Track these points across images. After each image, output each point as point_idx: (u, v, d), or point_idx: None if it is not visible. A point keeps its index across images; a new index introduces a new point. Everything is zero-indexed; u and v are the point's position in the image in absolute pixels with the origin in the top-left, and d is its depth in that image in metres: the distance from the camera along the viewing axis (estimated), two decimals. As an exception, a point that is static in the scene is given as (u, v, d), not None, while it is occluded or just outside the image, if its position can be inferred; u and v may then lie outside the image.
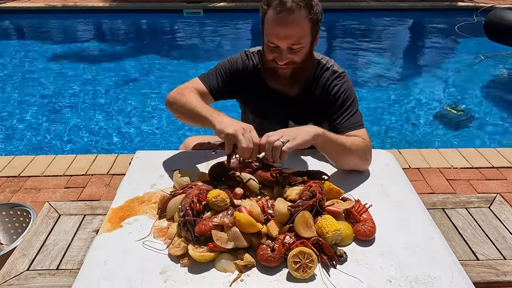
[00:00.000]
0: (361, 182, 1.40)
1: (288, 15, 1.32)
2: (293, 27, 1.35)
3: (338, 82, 1.53)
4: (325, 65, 1.56)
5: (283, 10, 1.32)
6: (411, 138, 3.95)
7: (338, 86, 1.52)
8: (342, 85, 1.53)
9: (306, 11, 1.34)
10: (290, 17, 1.33)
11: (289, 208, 1.11)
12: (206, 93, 1.55)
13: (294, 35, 1.36)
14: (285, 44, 1.37)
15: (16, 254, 1.37)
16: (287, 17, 1.33)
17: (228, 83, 1.59)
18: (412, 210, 1.27)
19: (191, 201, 1.13)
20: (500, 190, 2.69)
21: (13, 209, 2.05)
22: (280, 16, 1.33)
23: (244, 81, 1.60)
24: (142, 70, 5.44)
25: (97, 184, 2.71)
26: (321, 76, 1.55)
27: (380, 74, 5.48)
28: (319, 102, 1.56)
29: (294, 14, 1.32)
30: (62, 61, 5.73)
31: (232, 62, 1.60)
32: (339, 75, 1.54)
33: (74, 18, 7.70)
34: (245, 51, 1.63)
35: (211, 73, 1.60)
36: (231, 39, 7.19)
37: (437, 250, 1.10)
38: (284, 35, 1.35)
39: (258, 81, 1.58)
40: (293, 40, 1.37)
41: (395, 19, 8.03)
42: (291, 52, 1.40)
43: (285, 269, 1.03)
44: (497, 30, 4.57)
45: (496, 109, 4.59)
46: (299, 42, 1.38)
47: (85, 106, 4.46)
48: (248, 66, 1.59)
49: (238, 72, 1.59)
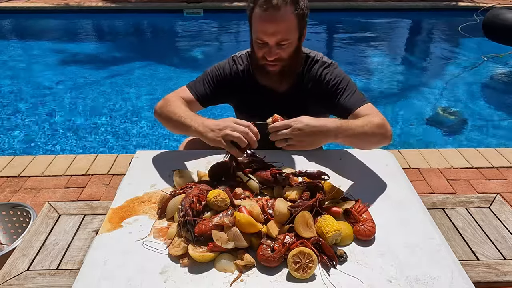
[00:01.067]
0: (361, 182, 1.40)
1: (274, 11, 1.34)
2: (280, 23, 1.37)
3: (328, 70, 1.56)
4: (314, 58, 1.58)
5: (269, 7, 1.34)
6: (411, 138, 3.95)
7: (329, 74, 1.55)
8: (333, 71, 1.55)
9: (292, 6, 1.37)
10: (277, 14, 1.35)
11: (289, 208, 1.11)
12: (193, 101, 1.56)
13: (281, 31, 1.38)
14: (273, 40, 1.40)
15: (16, 254, 1.37)
16: (273, 14, 1.35)
17: (216, 89, 1.60)
18: (412, 210, 1.27)
19: (191, 201, 1.13)
20: (500, 190, 2.69)
21: (13, 209, 2.05)
22: (267, 13, 1.35)
23: (233, 86, 1.61)
24: (142, 70, 5.44)
25: (97, 184, 2.71)
26: (311, 69, 1.57)
27: (380, 74, 5.48)
28: (312, 95, 1.57)
29: (281, 10, 1.34)
30: (62, 61, 5.73)
31: (219, 68, 1.62)
32: (328, 65, 1.57)
33: (74, 18, 7.70)
34: (232, 57, 1.65)
35: (198, 80, 1.62)
36: (231, 39, 7.19)
37: (437, 250, 1.10)
38: (272, 31, 1.38)
39: (248, 82, 1.60)
40: (280, 36, 1.39)
41: (395, 19, 8.03)
42: (280, 48, 1.42)
43: (285, 269, 1.03)
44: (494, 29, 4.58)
45: (497, 109, 4.60)
46: (286, 38, 1.40)
47: (85, 106, 4.46)
48: (236, 71, 1.61)
49: (226, 78, 1.61)
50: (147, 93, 4.80)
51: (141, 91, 4.85)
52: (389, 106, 4.54)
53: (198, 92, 1.58)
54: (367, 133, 1.36)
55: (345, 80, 1.54)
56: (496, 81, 5.32)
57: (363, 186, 1.38)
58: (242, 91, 1.62)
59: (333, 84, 1.53)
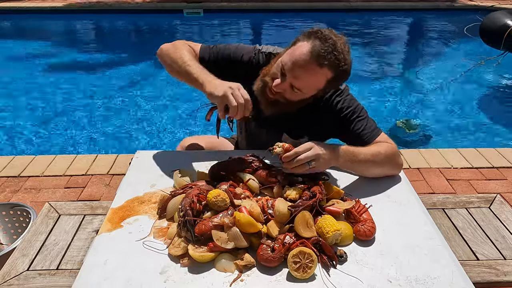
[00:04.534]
0: (361, 182, 1.40)
1: (314, 65, 1.28)
2: (310, 78, 1.31)
3: (340, 98, 1.47)
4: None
5: (314, 59, 1.27)
6: (411, 138, 3.95)
7: (341, 103, 1.47)
8: (345, 100, 1.47)
9: (331, 73, 1.31)
10: (315, 68, 1.28)
11: (289, 208, 1.11)
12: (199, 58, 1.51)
13: (304, 83, 1.32)
14: (291, 80, 1.33)
15: (16, 254, 1.37)
16: (312, 65, 1.28)
17: (226, 64, 1.53)
18: (412, 210, 1.27)
19: (191, 201, 1.13)
20: (500, 190, 2.69)
21: (13, 209, 2.05)
22: (308, 59, 1.28)
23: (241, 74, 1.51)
24: (142, 70, 5.44)
25: (97, 184, 2.71)
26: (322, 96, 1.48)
27: (381, 74, 5.48)
28: (321, 121, 1.50)
29: (320, 68, 1.28)
30: (62, 61, 5.73)
31: (241, 49, 1.55)
32: (340, 92, 1.49)
33: (74, 18, 7.69)
34: (256, 47, 1.57)
35: (216, 46, 1.56)
36: (231, 39, 7.19)
37: (437, 250, 1.10)
38: (297, 75, 1.31)
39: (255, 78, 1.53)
40: (299, 84, 1.33)
41: (395, 19, 8.03)
42: (290, 89, 1.35)
43: (285, 269, 1.03)
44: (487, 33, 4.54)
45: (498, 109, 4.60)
46: (302, 90, 1.34)
47: (85, 106, 4.46)
48: (253, 63, 1.54)
49: (239, 63, 1.54)
50: (147, 93, 4.80)
51: (141, 91, 4.84)
52: (389, 106, 4.54)
53: (209, 56, 1.53)
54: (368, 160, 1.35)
55: (357, 108, 1.47)
56: (497, 82, 5.32)
57: (363, 186, 1.38)
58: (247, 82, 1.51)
59: (346, 113, 1.45)
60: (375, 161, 1.36)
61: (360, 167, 1.38)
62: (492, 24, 4.39)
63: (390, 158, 1.40)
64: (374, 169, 1.38)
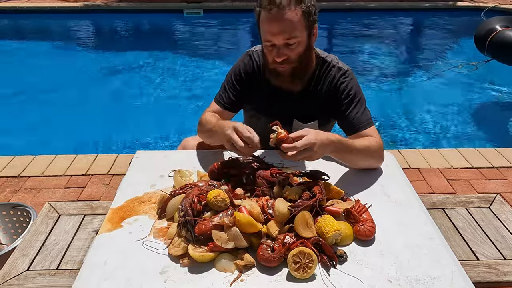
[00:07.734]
0: (361, 182, 1.40)
1: (278, 10, 1.34)
2: (285, 22, 1.36)
3: (345, 79, 1.55)
4: (330, 63, 1.57)
5: (273, 7, 1.34)
6: (411, 138, 3.95)
7: (345, 84, 1.54)
8: (349, 82, 1.55)
9: (297, 4, 1.36)
10: (281, 12, 1.34)
11: (289, 208, 1.11)
12: (222, 111, 1.62)
13: (287, 30, 1.37)
14: (280, 40, 1.38)
15: (16, 254, 1.37)
16: (278, 13, 1.34)
17: (239, 92, 1.63)
18: (412, 210, 1.27)
19: (192, 201, 1.13)
20: (500, 190, 2.69)
21: (13, 209, 2.05)
22: (271, 13, 1.34)
23: (251, 83, 1.63)
24: (142, 70, 5.44)
25: (97, 184, 2.71)
26: (327, 74, 1.56)
27: (381, 74, 5.48)
28: (325, 100, 1.57)
29: (285, 9, 1.34)
30: (62, 61, 5.73)
31: (236, 70, 1.64)
32: (344, 72, 1.56)
33: (74, 18, 7.70)
34: (247, 52, 1.65)
35: (222, 90, 1.66)
36: (231, 39, 7.19)
37: (437, 250, 1.10)
38: (277, 31, 1.37)
39: (263, 80, 1.60)
40: (287, 35, 1.37)
41: (395, 19, 8.03)
42: (288, 48, 1.41)
43: (285, 269, 1.03)
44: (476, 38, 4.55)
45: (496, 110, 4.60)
46: (293, 36, 1.38)
47: (86, 105, 4.46)
48: (253, 68, 1.62)
49: (243, 78, 1.63)
50: (147, 92, 4.80)
51: (140, 91, 4.84)
52: (389, 106, 4.54)
53: (224, 102, 1.63)
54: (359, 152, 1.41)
55: (358, 94, 1.54)
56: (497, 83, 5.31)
57: (363, 186, 1.38)
58: (257, 87, 1.63)
59: (347, 95, 1.53)
60: (365, 155, 1.43)
61: (352, 159, 1.44)
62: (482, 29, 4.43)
63: (377, 153, 1.47)
64: (363, 161, 1.46)
